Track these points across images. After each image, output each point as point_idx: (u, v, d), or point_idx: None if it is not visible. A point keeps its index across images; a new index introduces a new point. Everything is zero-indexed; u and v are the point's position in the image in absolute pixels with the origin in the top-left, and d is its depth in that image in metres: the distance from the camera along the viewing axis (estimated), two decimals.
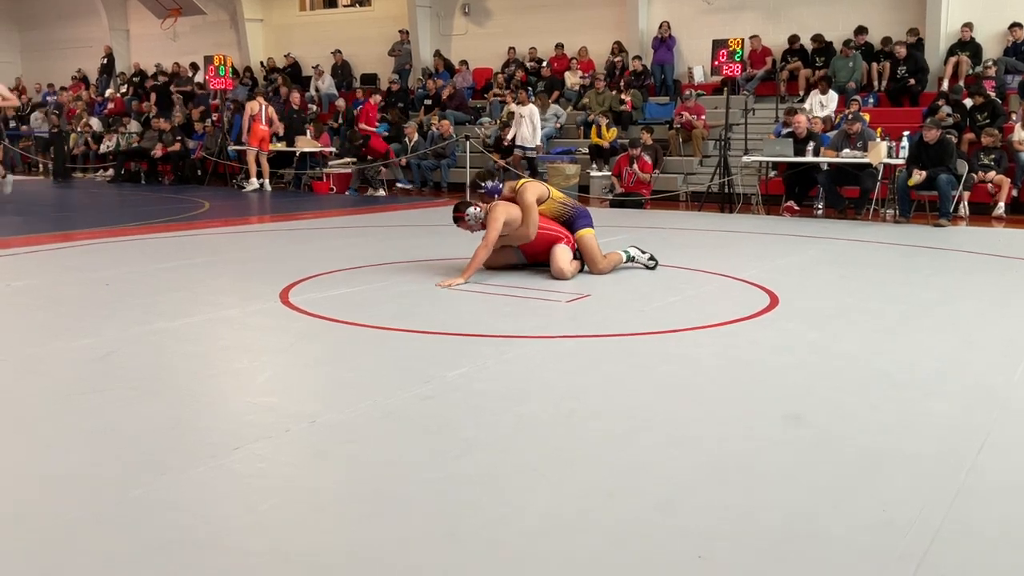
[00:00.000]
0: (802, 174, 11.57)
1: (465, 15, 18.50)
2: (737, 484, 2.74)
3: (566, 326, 4.94)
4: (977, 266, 7.36)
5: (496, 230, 6.20)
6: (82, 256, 7.51)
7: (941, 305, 5.64)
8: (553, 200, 6.57)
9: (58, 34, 23.94)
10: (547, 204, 6.53)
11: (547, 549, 2.31)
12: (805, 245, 8.54)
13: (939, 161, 10.27)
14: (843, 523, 2.46)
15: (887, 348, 4.47)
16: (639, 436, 3.16)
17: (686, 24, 16.02)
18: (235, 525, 2.45)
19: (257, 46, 20.92)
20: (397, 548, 2.31)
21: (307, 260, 7.19)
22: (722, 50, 12.60)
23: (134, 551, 2.27)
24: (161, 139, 16.65)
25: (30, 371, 3.97)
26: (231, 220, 10.61)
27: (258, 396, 3.63)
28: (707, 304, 5.61)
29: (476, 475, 2.79)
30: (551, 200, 6.56)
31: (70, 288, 6.08)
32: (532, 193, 6.42)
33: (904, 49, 13.61)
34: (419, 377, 3.84)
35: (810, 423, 3.30)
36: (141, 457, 2.90)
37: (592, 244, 6.57)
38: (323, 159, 15.22)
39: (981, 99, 12.32)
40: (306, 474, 2.84)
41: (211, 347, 4.50)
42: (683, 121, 14.17)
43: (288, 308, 5.32)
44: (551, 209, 6.57)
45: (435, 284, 6.02)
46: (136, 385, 3.72)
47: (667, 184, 13.34)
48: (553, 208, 6.58)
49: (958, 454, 2.98)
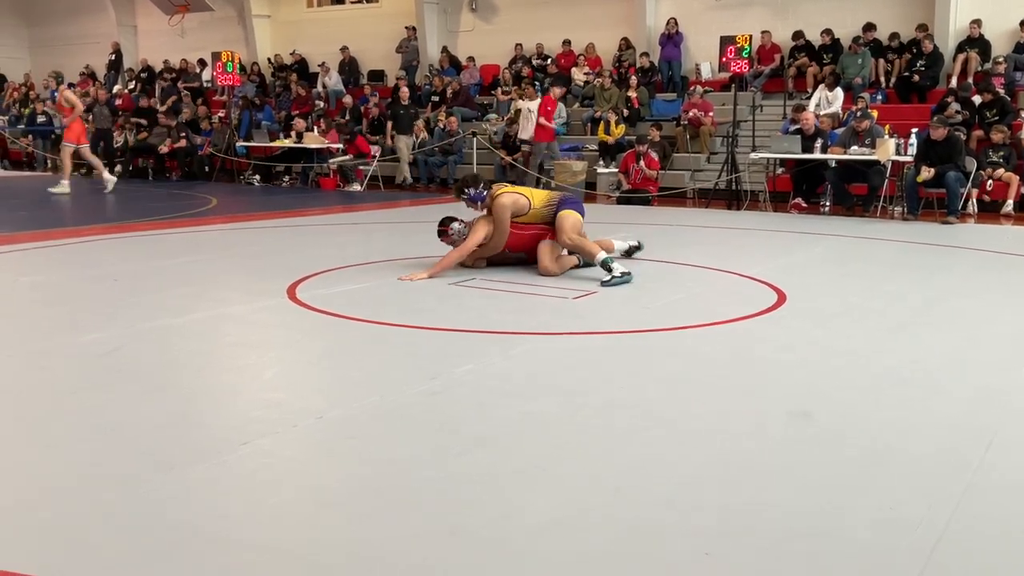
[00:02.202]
0: (810, 171, 11.54)
1: (472, 11, 18.48)
2: (743, 481, 2.73)
3: (572, 323, 4.94)
4: (985, 264, 7.33)
5: (475, 242, 6.35)
6: (89, 252, 7.53)
7: (948, 303, 5.63)
8: (535, 208, 6.43)
9: (66, 30, 23.99)
10: (529, 215, 6.43)
11: (552, 546, 2.31)
12: (812, 242, 8.52)
13: (947, 158, 10.23)
14: (849, 521, 2.45)
15: (894, 346, 4.46)
16: (645, 433, 3.16)
17: (694, 20, 15.98)
18: (241, 521, 2.45)
19: (264, 42, 20.93)
20: (402, 544, 2.31)
21: (314, 256, 7.20)
22: (730, 46, 12.57)
23: (141, 547, 2.27)
24: (168, 135, 16.69)
25: (37, 366, 3.98)
26: (238, 216, 10.63)
27: (265, 392, 3.64)
28: (714, 301, 5.60)
29: (482, 472, 2.79)
30: (533, 209, 6.43)
31: (77, 284, 6.10)
32: (506, 209, 6.35)
33: (930, 43, 13.51)
34: (425, 374, 3.84)
35: (816, 421, 3.30)
36: (148, 453, 2.91)
37: (568, 221, 6.28)
38: (330, 155, 15.23)
39: (990, 96, 12.27)
40: (312, 470, 2.85)
41: (218, 343, 4.51)
42: (690, 118, 14.14)
43: (295, 304, 5.33)
44: (536, 216, 6.44)
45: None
46: (142, 381, 3.73)
47: (674, 181, 13.31)
48: (537, 215, 6.44)
49: (965, 452, 2.97)
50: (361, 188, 14.69)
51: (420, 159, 15.14)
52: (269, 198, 13.51)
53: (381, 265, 6.81)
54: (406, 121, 15.31)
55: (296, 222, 9.99)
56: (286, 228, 9.45)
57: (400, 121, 15.27)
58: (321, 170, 15.20)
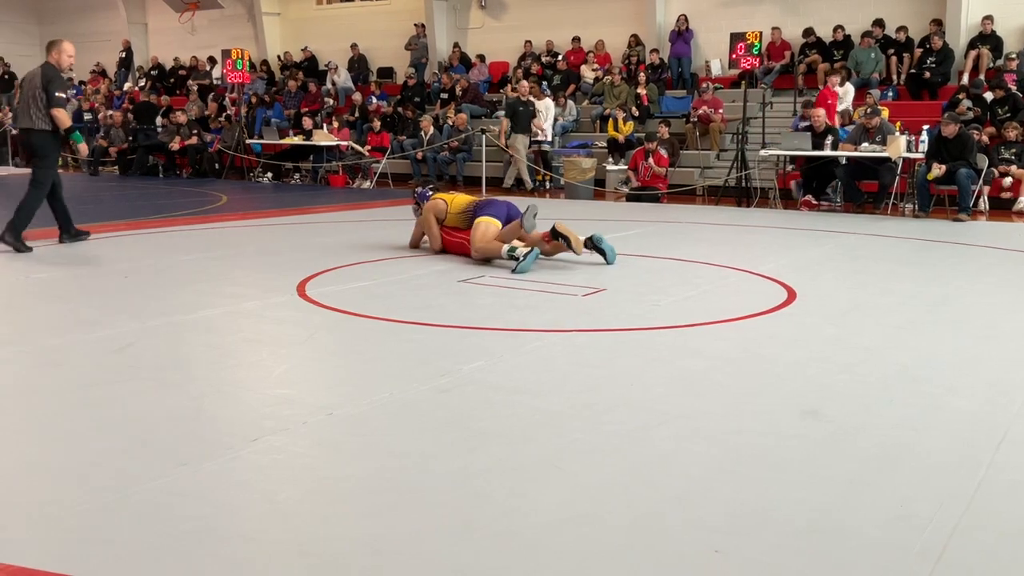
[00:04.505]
0: (820, 168, 11.51)
1: (481, 8, 18.48)
2: (754, 479, 2.73)
3: (582, 320, 4.94)
4: (996, 261, 7.30)
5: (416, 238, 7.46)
6: (100, 248, 7.56)
7: (960, 300, 5.61)
8: (451, 213, 7.06)
9: (77, 27, 24.07)
10: (448, 219, 7.09)
11: (562, 542, 2.32)
12: (823, 239, 8.49)
13: (959, 155, 10.19)
14: (861, 519, 2.45)
15: (905, 343, 4.45)
16: (655, 430, 3.16)
17: (704, 17, 15.95)
18: (252, 516, 2.46)
19: (274, 40, 20.98)
20: (412, 539, 2.31)
21: (324, 253, 7.22)
22: (740, 43, 12.55)
23: (153, 541, 2.29)
24: (179, 132, 16.75)
25: (49, 363, 4.01)
26: (249, 213, 10.66)
27: (276, 389, 3.65)
28: (724, 298, 5.59)
29: (491, 468, 2.80)
30: (451, 215, 7.06)
31: (89, 280, 6.12)
32: (428, 212, 7.15)
33: (940, 40, 13.46)
34: (435, 370, 3.85)
35: (827, 418, 3.29)
36: (160, 448, 2.93)
37: (479, 231, 6.70)
38: (340, 153, 15.27)
39: (1002, 92, 12.21)
40: (323, 465, 2.86)
41: (229, 340, 4.53)
42: (700, 115, 14.11)
43: (306, 301, 5.35)
44: (454, 220, 7.05)
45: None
46: (155, 377, 3.75)
47: (684, 178, 13.29)
48: (456, 219, 7.04)
49: (977, 450, 2.97)
50: (371, 185, 14.73)
51: (429, 156, 15.15)
52: (279, 195, 13.54)
53: (391, 262, 6.83)
54: (525, 119, 14.11)
55: (306, 219, 10.01)
56: (296, 225, 9.47)
57: (519, 119, 14.03)
58: (331, 167, 15.23)
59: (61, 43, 7.58)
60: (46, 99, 7.28)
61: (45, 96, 7.28)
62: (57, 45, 7.55)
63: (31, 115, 7.33)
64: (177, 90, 20.41)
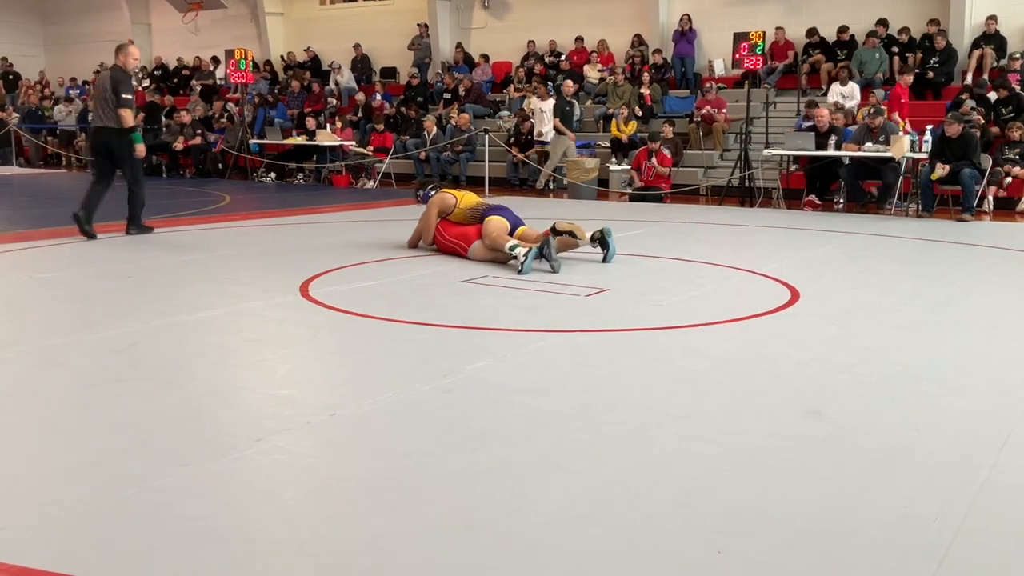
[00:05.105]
0: (824, 168, 11.49)
1: (484, 8, 18.48)
2: (756, 479, 2.73)
3: (584, 320, 4.94)
4: (1000, 261, 7.28)
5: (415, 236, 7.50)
6: (104, 248, 7.57)
7: (963, 300, 5.60)
8: (461, 209, 7.12)
9: (80, 28, 24.13)
10: (455, 214, 7.13)
11: (563, 542, 2.31)
12: (826, 239, 8.48)
13: (963, 155, 10.17)
14: (862, 519, 2.44)
15: (908, 343, 4.44)
16: (657, 430, 3.16)
17: (707, 17, 15.93)
18: (254, 516, 2.47)
19: (277, 40, 21.00)
20: (414, 539, 2.31)
21: (327, 253, 7.22)
22: (744, 43, 12.53)
23: (154, 541, 2.29)
24: (182, 132, 16.76)
25: (52, 362, 4.01)
26: (252, 213, 10.66)
27: (278, 389, 3.65)
28: (727, 299, 5.58)
29: (495, 468, 2.80)
30: (459, 210, 7.12)
31: (92, 280, 6.13)
32: (433, 206, 7.21)
33: (943, 40, 13.43)
34: (438, 370, 3.85)
35: (830, 418, 3.28)
36: (163, 448, 2.93)
37: (492, 224, 6.80)
38: (343, 153, 15.27)
39: (1006, 92, 12.18)
40: (326, 466, 2.86)
41: (232, 340, 4.53)
42: (703, 114, 14.10)
43: (308, 301, 5.35)
44: (460, 216, 7.11)
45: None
46: (157, 377, 3.76)
47: (687, 178, 13.28)
48: (462, 215, 7.10)
49: (980, 450, 2.96)
50: (374, 185, 14.74)
51: (432, 156, 15.16)
52: (282, 195, 13.55)
53: (393, 262, 6.83)
54: (571, 117, 14.33)
55: (309, 219, 10.01)
56: (299, 225, 9.47)
57: (566, 118, 14.18)
58: (334, 167, 15.24)
59: (127, 46, 8.20)
60: (115, 100, 7.85)
61: (114, 97, 7.84)
62: (124, 49, 8.15)
63: (103, 115, 7.94)
64: (180, 90, 20.45)
